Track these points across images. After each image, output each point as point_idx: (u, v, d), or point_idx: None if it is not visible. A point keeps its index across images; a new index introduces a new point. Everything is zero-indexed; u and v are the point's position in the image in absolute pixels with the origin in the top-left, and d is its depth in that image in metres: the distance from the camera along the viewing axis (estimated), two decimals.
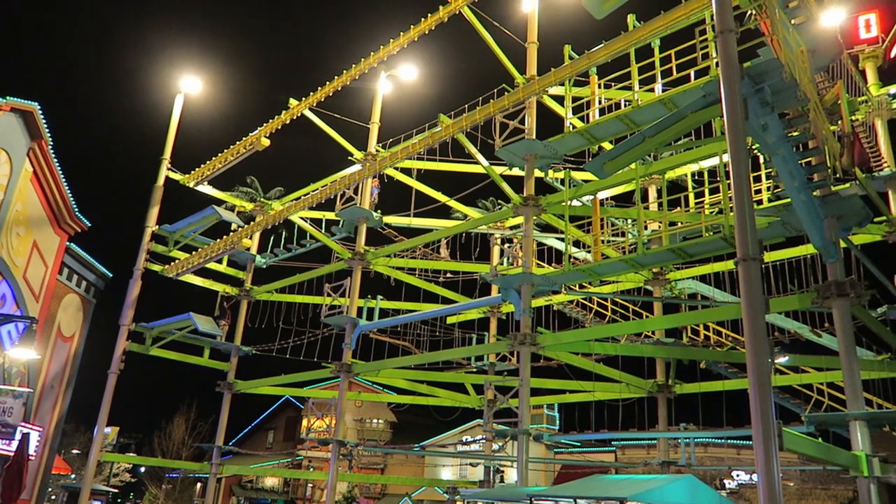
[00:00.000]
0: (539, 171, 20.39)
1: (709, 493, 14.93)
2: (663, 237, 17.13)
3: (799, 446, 10.80)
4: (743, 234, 10.36)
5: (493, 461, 26.60)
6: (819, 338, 20.22)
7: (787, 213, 14.76)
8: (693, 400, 22.73)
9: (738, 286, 10.49)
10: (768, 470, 9.18)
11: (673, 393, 23.02)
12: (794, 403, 21.30)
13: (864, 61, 20.11)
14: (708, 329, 21.95)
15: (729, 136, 10.65)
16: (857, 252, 15.79)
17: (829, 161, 13.18)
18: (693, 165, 20.99)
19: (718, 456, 32.19)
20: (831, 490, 27.97)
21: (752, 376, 9.72)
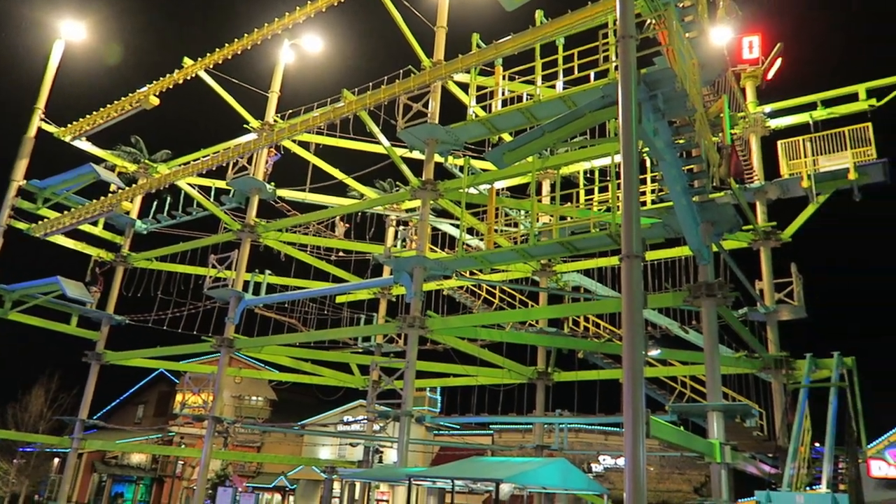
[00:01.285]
0: (439, 156, 20.50)
1: (579, 476, 15.71)
2: (553, 230, 17.73)
3: (663, 433, 11.55)
4: (628, 233, 10.88)
5: (373, 441, 26.66)
6: (686, 334, 21.66)
7: (669, 215, 15.63)
8: (569, 387, 23.80)
9: (620, 281, 11.01)
10: (635, 454, 9.76)
11: (551, 380, 23.98)
12: (661, 394, 22.75)
13: (746, 80, 21.62)
14: (588, 321, 22.97)
15: (622, 138, 11.11)
16: (726, 256, 17.01)
17: (708, 170, 14.08)
18: (586, 163, 21.82)
19: (588, 441, 33.96)
20: (686, 475, 30.28)
21: (627, 367, 10.26)
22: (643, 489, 9.48)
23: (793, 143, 20.07)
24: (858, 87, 19.98)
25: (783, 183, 20.03)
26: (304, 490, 47.37)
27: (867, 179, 19.02)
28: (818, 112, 20.41)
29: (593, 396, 22.53)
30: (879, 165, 18.81)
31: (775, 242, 20.11)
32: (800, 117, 20.87)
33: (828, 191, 19.58)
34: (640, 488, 9.48)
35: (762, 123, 21.06)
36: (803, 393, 18.08)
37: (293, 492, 48.33)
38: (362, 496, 26.77)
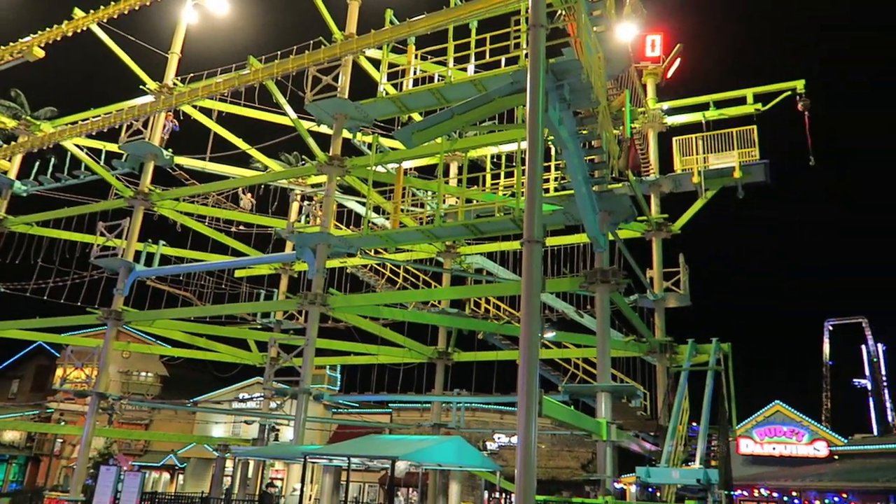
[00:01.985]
0: (348, 132, 20.18)
1: (473, 453, 16.10)
2: (459, 212, 17.90)
3: (555, 413, 12.00)
4: (530, 218, 11.13)
5: (269, 419, 26.20)
6: (581, 318, 22.53)
7: (570, 203, 16.16)
8: (468, 367, 24.26)
9: (521, 265, 11.27)
10: (527, 433, 10.08)
11: (451, 360, 24.36)
12: (555, 375, 23.59)
13: (647, 77, 22.54)
14: (489, 303, 23.46)
15: (528, 124, 11.32)
16: (620, 245, 17.78)
17: (608, 161, 14.63)
18: (493, 148, 22.14)
19: (484, 420, 34.81)
20: (575, 452, 31.71)
21: (523, 348, 10.55)
22: (533, 466, 9.82)
23: (686, 140, 21.17)
24: (747, 91, 21.29)
25: (676, 177, 21.12)
26: (195, 469, 46.00)
27: (750, 178, 20.35)
28: (710, 112, 21.61)
29: (491, 376, 23.10)
30: (762, 166, 20.16)
31: (666, 234, 21.22)
32: (694, 116, 22.03)
33: (715, 187, 20.80)
34: (530, 465, 9.81)
35: (660, 120, 22.06)
36: (684, 376, 19.28)
37: (183, 471, 46.81)
38: (256, 474, 26.31)
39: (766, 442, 38.61)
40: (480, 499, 33.52)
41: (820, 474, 33.50)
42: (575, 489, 26.80)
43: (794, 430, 38.37)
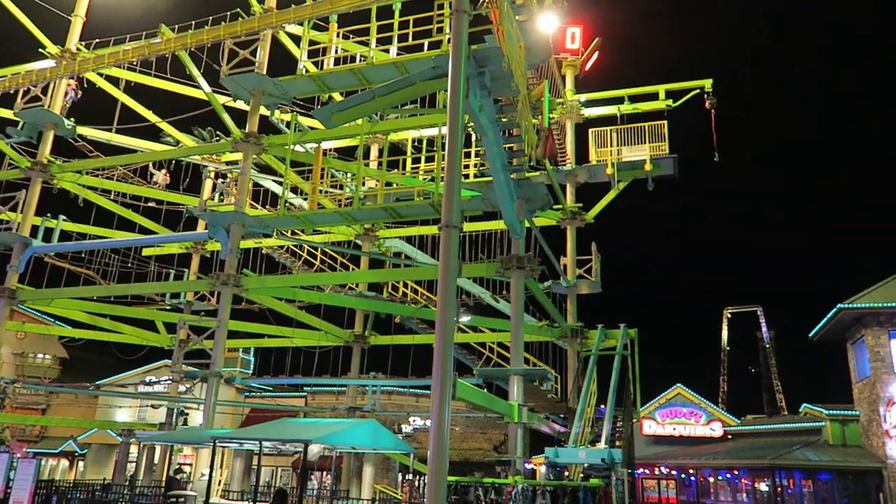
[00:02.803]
0: (265, 108, 19.64)
1: (388, 436, 16.18)
2: (379, 195, 17.81)
3: (469, 395, 12.19)
4: (448, 203, 11.21)
5: (178, 403, 25.35)
6: (497, 303, 22.96)
7: (488, 189, 16.35)
8: (384, 351, 24.28)
9: (439, 250, 11.34)
10: (441, 415, 10.20)
11: (368, 343, 24.30)
12: (470, 359, 23.96)
13: (566, 68, 23.03)
14: (407, 287, 23.50)
15: (449, 110, 11.36)
16: (536, 233, 18.19)
17: (526, 150, 14.88)
18: (415, 132, 22.10)
19: (400, 403, 34.97)
20: (488, 434, 32.38)
21: (439, 332, 10.65)
22: (446, 448, 9.96)
23: (602, 132, 21.82)
24: (659, 87, 22.13)
25: (591, 168, 21.76)
26: (97, 455, 43.97)
27: (660, 171, 21.22)
28: (625, 106, 22.33)
29: (407, 360, 23.22)
30: (670, 160, 21.05)
31: (580, 222, 21.86)
32: (609, 109, 22.72)
33: (627, 179, 21.58)
34: (443, 447, 9.95)
35: (577, 111, 22.62)
36: (593, 360, 20.03)
37: (83, 457, 44.69)
38: (163, 460, 25.44)
39: (667, 423, 40.63)
40: (395, 481, 33.74)
41: (715, 453, 35.61)
42: (487, 470, 27.41)
43: (693, 411, 40.55)
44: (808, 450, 31.06)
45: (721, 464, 34.03)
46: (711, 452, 35.84)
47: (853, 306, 29.93)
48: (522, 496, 11.39)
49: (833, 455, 30.41)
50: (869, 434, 30.63)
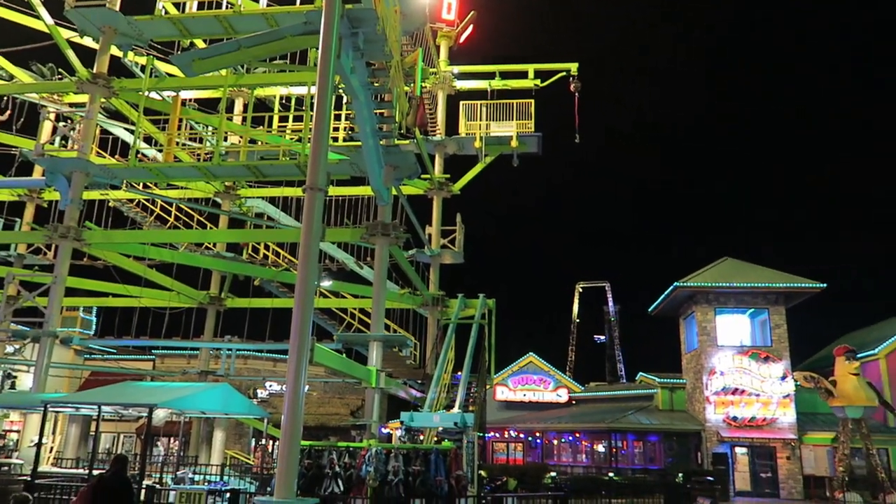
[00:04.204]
0: (118, 49, 18.07)
1: (240, 400, 15.75)
2: (241, 152, 17.05)
3: (326, 360, 12.13)
4: (314, 165, 10.95)
5: (4, 365, 23.15)
6: (361, 269, 22.88)
7: (356, 154, 16.15)
8: (242, 314, 23.50)
9: (303, 212, 11.08)
10: (297, 379, 10.07)
11: (224, 306, 23.39)
12: (331, 324, 23.78)
13: (441, 38, 23.07)
14: (268, 249, 22.80)
15: (319, 69, 11.04)
16: (403, 201, 18.25)
17: (397, 116, 14.82)
18: (283, 89, 21.28)
19: (257, 368, 34.12)
20: (346, 399, 32.44)
21: (298, 296, 10.46)
22: (300, 412, 9.87)
23: (472, 105, 22.15)
24: (529, 66, 22.77)
25: (460, 140, 22.07)
26: None
27: (525, 149, 21.95)
28: (496, 82, 22.79)
29: (265, 324, 22.62)
30: (535, 138, 21.82)
31: (447, 193, 22.19)
32: (481, 83, 23.09)
33: (494, 153, 22.13)
34: (297, 411, 9.85)
35: (450, 83, 22.79)
36: (452, 328, 20.57)
37: None
38: None
39: (518, 389, 42.76)
40: (248, 446, 33.04)
41: (559, 417, 38.00)
42: (343, 434, 27.55)
43: (542, 378, 42.93)
44: (640, 414, 33.94)
45: (564, 427, 36.40)
46: (557, 417, 38.21)
47: (687, 285, 32.84)
48: (376, 459, 11.56)
49: (661, 419, 33.46)
50: (693, 400, 33.98)
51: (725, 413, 31.57)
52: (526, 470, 29.58)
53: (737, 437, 31.07)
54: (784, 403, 31.41)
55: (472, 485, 14.45)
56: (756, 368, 31.92)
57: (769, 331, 32.75)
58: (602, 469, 32.06)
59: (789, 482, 30.48)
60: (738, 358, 32.11)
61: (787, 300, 32.90)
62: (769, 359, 31.97)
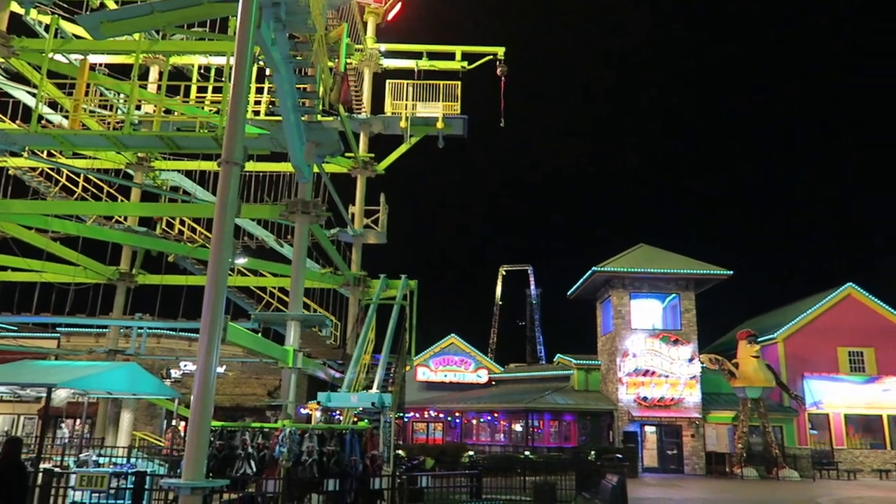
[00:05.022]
0: (18, 5, 16.85)
1: (149, 380, 15.21)
2: (155, 122, 16.26)
3: (240, 339, 11.82)
4: (231, 139, 10.56)
5: None
6: (281, 247, 22.40)
7: (277, 129, 15.70)
8: (153, 291, 22.60)
9: None
10: (208, 358, 9.76)
11: (134, 282, 22.43)
12: (249, 303, 23.22)
13: (368, 15, 22.68)
14: (184, 224, 21.97)
15: (238, 39, 10.62)
16: (325, 178, 17.93)
17: (320, 92, 14.48)
18: (202, 58, 20.44)
19: (171, 347, 33.02)
20: (263, 379, 31.86)
21: (211, 272, 10.11)
22: (211, 392, 9.59)
23: (398, 85, 21.95)
24: (456, 48, 22.72)
25: (386, 119, 21.86)
26: None
27: (450, 131, 21.95)
28: (423, 62, 22.64)
29: (179, 302, 21.85)
30: (461, 120, 21.84)
31: (371, 173, 21.97)
32: (408, 63, 22.88)
33: (420, 134, 22.03)
34: (208, 391, 9.57)
35: (376, 60, 22.47)
36: (373, 308, 20.49)
37: None
38: None
39: (439, 370, 43.18)
40: (160, 427, 32.02)
41: (479, 397, 38.66)
42: (258, 415, 27.06)
43: (463, 359, 43.51)
44: (557, 394, 34.94)
45: (484, 407, 37.07)
46: (476, 397, 38.86)
47: (604, 270, 33.89)
48: (289, 439, 11.40)
49: (577, 399, 34.57)
50: (606, 381, 35.23)
51: (636, 393, 32.91)
52: (445, 449, 29.98)
53: (646, 416, 32.48)
54: (691, 384, 33.02)
55: (389, 464, 14.52)
56: (666, 351, 33.38)
57: (679, 315, 34.27)
58: (519, 448, 32.88)
59: (693, 458, 32.15)
60: (650, 341, 33.49)
61: (696, 286, 34.47)
62: (678, 342, 33.48)
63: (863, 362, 34.34)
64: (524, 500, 18.31)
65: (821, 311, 35.32)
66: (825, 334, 34.70)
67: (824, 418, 33.51)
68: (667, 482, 27.39)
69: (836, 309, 35.30)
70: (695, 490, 24.37)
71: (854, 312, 35.19)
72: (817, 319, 35.11)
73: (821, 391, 33.41)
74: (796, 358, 34.35)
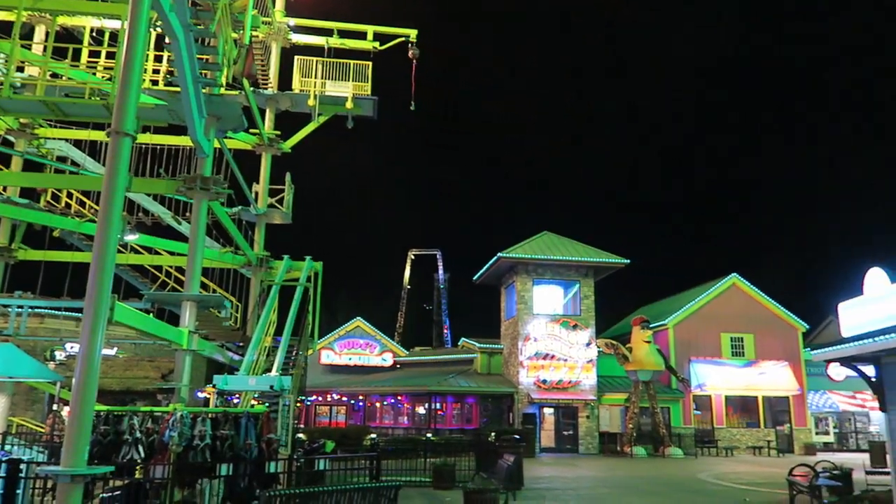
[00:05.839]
0: None
1: (27, 362, 14.27)
2: (39, 86, 15.13)
3: (129, 319, 11.29)
4: (122, 107, 10.00)
5: None
6: (179, 225, 21.44)
7: (175, 100, 14.99)
8: (35, 267, 21.12)
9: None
10: (91, 339, 9.27)
11: (14, 258, 20.88)
12: (143, 282, 22.12)
13: None
14: (71, 197, 20.63)
15: (132, 1, 10.05)
16: (227, 154, 17.32)
17: (223, 64, 13.93)
18: (95, 20, 19.16)
19: (55, 328, 31.04)
20: (157, 362, 30.52)
21: (98, 249, 9.59)
22: (95, 375, 9.11)
23: (307, 61, 21.42)
24: (368, 27, 22.39)
25: (294, 96, 21.29)
26: None
27: (360, 111, 21.67)
28: (334, 40, 22.18)
29: (64, 279, 20.53)
30: (371, 102, 21.60)
31: (276, 151, 21.38)
32: (318, 39, 22.35)
33: (328, 113, 21.62)
34: (91, 374, 9.08)
35: (285, 35, 21.81)
36: (275, 289, 20.04)
37: None
38: None
39: (344, 353, 42.89)
40: (42, 413, 30.12)
41: (384, 380, 38.69)
42: (150, 399, 25.96)
43: (369, 343, 43.38)
44: (460, 377, 35.51)
45: (388, 390, 37.16)
46: (381, 380, 38.89)
47: (509, 256, 34.62)
48: (181, 423, 11.00)
49: (479, 382, 35.26)
50: (508, 364, 36.12)
51: (537, 376, 33.94)
52: (347, 432, 29.89)
53: (545, 398, 33.57)
54: (587, 368, 34.39)
55: (287, 448, 14.31)
56: (566, 336, 34.58)
57: (579, 301, 35.54)
58: (422, 430, 33.24)
59: (587, 438, 33.57)
60: (551, 326, 34.57)
61: (596, 274, 35.83)
62: (577, 327, 34.74)
63: (743, 348, 36.88)
64: (425, 481, 18.54)
65: (708, 299, 37.59)
66: (711, 321, 37.01)
67: (707, 399, 35.81)
68: (562, 461, 28.48)
69: (722, 298, 37.68)
70: (587, 468, 25.47)
71: (737, 301, 37.69)
72: (704, 307, 37.37)
73: (705, 374, 35.64)
74: (684, 343, 36.46)
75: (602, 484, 20.33)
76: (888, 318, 12.02)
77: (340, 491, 9.70)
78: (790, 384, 36.03)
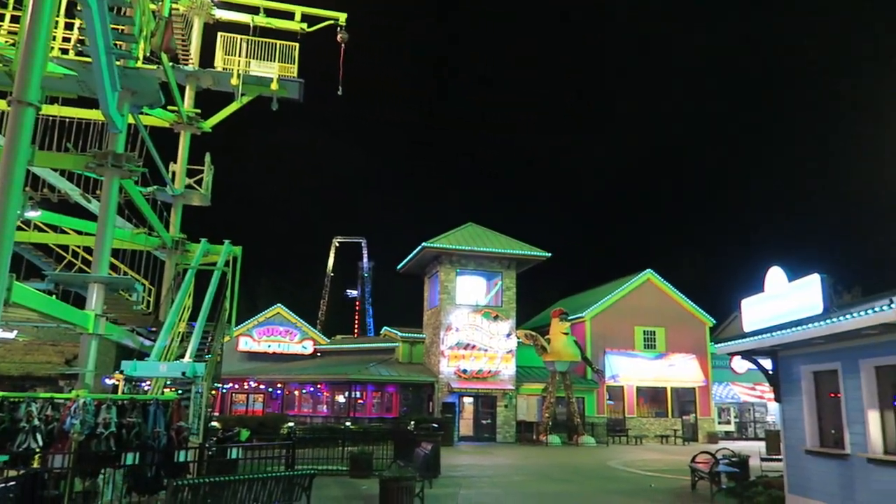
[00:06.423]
0: None
1: None
2: None
3: (28, 301, 10.67)
4: (26, 76, 9.46)
5: None
6: (88, 203, 20.39)
7: (86, 71, 14.24)
8: None
9: None
10: None
11: None
12: (47, 262, 20.94)
13: None
14: None
15: None
16: (143, 131, 16.54)
17: (139, 36, 13.30)
18: None
19: None
20: (60, 346, 28.98)
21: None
22: None
23: (231, 39, 20.72)
24: (297, 8, 21.87)
25: (216, 75, 20.56)
26: None
27: (285, 94, 21.14)
28: (260, 18, 21.55)
29: None
30: (297, 84, 21.11)
31: (196, 130, 20.63)
32: (244, 17, 21.67)
33: (252, 94, 20.99)
34: None
35: (208, 10, 21.05)
36: (191, 273, 19.39)
37: None
38: None
39: (263, 340, 42.04)
40: None
41: (303, 368, 38.16)
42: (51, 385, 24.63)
43: (289, 330, 42.67)
44: (381, 366, 35.44)
45: (307, 378, 36.69)
46: (300, 368, 38.34)
47: (434, 246, 34.74)
48: (83, 410, 10.50)
49: (400, 371, 35.30)
50: (430, 354, 36.32)
51: (457, 366, 34.30)
52: (264, 421, 29.32)
53: (465, 387, 33.97)
54: (507, 358, 35.02)
55: (199, 436, 13.90)
56: (487, 326, 35.06)
57: (501, 292, 36.09)
58: (341, 419, 33.02)
59: (505, 427, 34.22)
60: (473, 316, 34.98)
61: (518, 266, 36.46)
62: (498, 318, 35.29)
63: (655, 340, 38.45)
64: (342, 470, 18.44)
65: (624, 293, 38.94)
66: (626, 314, 38.38)
67: (620, 390, 37.16)
68: (480, 449, 28.93)
69: (637, 292, 39.12)
70: (504, 456, 25.98)
71: (651, 296, 39.22)
72: (620, 301, 38.70)
73: (618, 365, 36.94)
74: (600, 335, 37.67)
75: (517, 471, 20.79)
76: (785, 315, 12.80)
77: (252, 480, 9.51)
78: (697, 376, 37.83)
